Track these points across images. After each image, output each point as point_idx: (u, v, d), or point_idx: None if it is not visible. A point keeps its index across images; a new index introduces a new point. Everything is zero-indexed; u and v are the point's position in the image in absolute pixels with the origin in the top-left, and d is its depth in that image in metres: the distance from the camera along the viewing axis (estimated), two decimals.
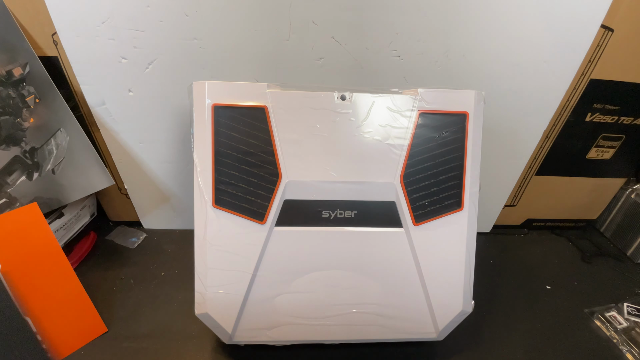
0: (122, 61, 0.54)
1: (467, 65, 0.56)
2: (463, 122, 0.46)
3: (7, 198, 0.53)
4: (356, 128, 0.45)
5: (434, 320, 0.48)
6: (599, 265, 0.72)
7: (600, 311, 0.61)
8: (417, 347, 0.53)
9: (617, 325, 0.58)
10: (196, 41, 0.53)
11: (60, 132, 0.56)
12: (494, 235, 0.78)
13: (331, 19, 0.52)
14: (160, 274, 0.64)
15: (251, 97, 0.44)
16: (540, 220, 0.79)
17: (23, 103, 0.54)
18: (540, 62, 0.56)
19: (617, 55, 0.57)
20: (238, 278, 0.45)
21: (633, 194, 0.74)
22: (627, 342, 0.56)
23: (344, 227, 0.46)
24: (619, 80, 0.60)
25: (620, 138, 0.68)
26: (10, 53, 0.52)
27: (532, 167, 0.70)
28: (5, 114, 0.53)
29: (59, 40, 0.53)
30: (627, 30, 0.55)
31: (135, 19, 0.51)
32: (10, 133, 0.53)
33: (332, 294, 0.47)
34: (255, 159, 0.44)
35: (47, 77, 0.54)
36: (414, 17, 0.52)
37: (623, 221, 0.76)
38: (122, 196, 0.71)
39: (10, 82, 0.53)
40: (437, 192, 0.46)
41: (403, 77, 0.58)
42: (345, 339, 0.49)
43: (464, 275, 0.47)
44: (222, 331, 0.46)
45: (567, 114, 0.64)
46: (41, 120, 0.55)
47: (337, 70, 0.57)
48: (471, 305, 0.49)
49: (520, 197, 0.75)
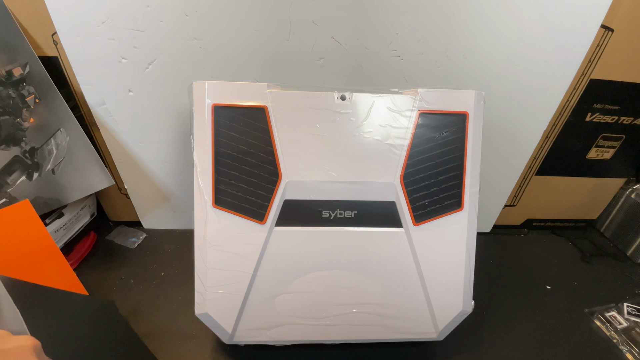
0: (122, 61, 0.54)
1: (467, 65, 0.56)
2: (463, 122, 0.46)
3: (7, 198, 0.53)
4: (356, 128, 0.45)
5: (434, 320, 0.48)
6: (599, 265, 0.72)
7: (600, 311, 0.61)
8: (417, 347, 0.53)
9: (617, 325, 0.58)
10: (196, 41, 0.53)
11: (60, 132, 0.56)
12: (494, 235, 0.78)
13: (331, 19, 0.52)
14: (160, 274, 0.64)
15: (251, 97, 0.44)
16: (540, 220, 0.79)
17: (23, 103, 0.54)
18: (540, 62, 0.56)
19: (617, 55, 0.57)
20: (238, 278, 0.45)
21: (633, 194, 0.74)
22: (627, 342, 0.56)
23: (344, 227, 0.46)
24: (619, 80, 0.60)
25: (620, 138, 0.68)
26: (10, 53, 0.52)
27: (532, 167, 0.70)
28: (5, 114, 0.53)
29: (59, 40, 0.53)
30: (627, 30, 0.55)
31: (135, 19, 0.51)
32: (10, 133, 0.53)
33: (332, 294, 0.47)
34: (255, 159, 0.44)
35: (47, 77, 0.54)
36: (414, 17, 0.52)
37: (623, 221, 0.76)
38: (122, 196, 0.71)
39: (10, 82, 0.53)
40: (437, 192, 0.46)
41: (403, 77, 0.58)
42: (345, 339, 0.49)
43: (464, 275, 0.47)
44: (222, 331, 0.46)
45: (567, 114, 0.64)
46: (41, 120, 0.55)
47: (337, 70, 0.57)
48: (471, 305, 0.49)
49: (520, 197, 0.75)
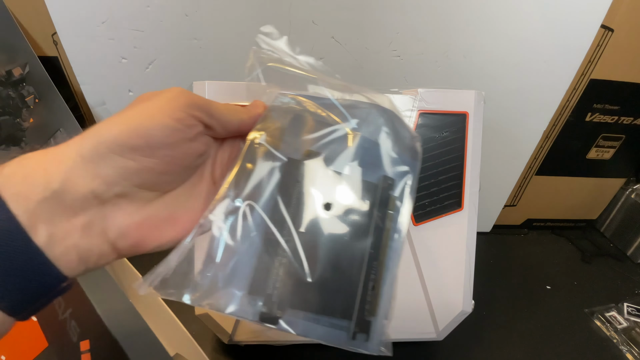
0: (122, 61, 0.54)
1: (467, 65, 0.56)
2: (463, 122, 0.46)
3: None
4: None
5: (434, 320, 0.48)
6: (599, 265, 0.72)
7: (600, 311, 0.61)
8: (417, 347, 0.53)
9: (617, 325, 0.58)
10: (196, 41, 0.53)
11: (60, 132, 0.56)
12: (494, 235, 0.78)
13: (331, 19, 0.52)
14: None
15: (251, 97, 0.44)
16: (540, 220, 0.79)
17: (23, 103, 0.54)
18: (540, 62, 0.56)
19: (617, 55, 0.57)
20: None
21: (633, 194, 0.74)
22: (627, 342, 0.56)
23: None
24: (619, 80, 0.60)
25: (620, 138, 0.68)
26: (10, 53, 0.52)
27: (532, 167, 0.70)
28: (5, 114, 0.53)
29: (59, 40, 0.53)
30: (627, 30, 0.55)
31: (135, 19, 0.51)
32: (10, 133, 0.53)
33: None
34: None
35: (46, 77, 0.54)
36: (414, 17, 0.52)
37: (623, 221, 0.76)
38: None
39: (10, 82, 0.53)
40: (437, 192, 0.46)
41: (403, 77, 0.57)
42: None
43: (464, 275, 0.47)
44: (222, 331, 0.46)
45: (567, 114, 0.64)
46: (41, 121, 0.55)
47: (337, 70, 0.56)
48: (471, 305, 0.48)
49: (520, 197, 0.75)
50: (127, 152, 0.21)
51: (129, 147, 0.21)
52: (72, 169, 0.20)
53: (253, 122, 0.28)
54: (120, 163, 0.21)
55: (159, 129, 0.22)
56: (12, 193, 0.18)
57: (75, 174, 0.20)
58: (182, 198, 0.26)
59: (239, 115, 0.27)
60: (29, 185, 0.19)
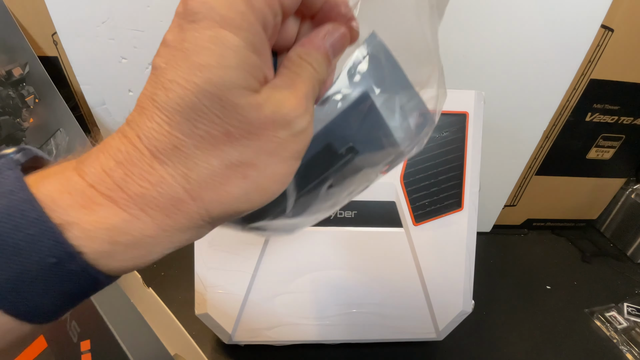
0: (122, 61, 0.54)
1: (467, 65, 0.56)
2: (463, 122, 0.46)
3: None
4: None
5: (434, 320, 0.48)
6: (599, 265, 0.72)
7: (600, 311, 0.61)
8: (417, 347, 0.53)
9: (617, 325, 0.58)
10: None
11: (59, 132, 0.56)
12: (494, 235, 0.78)
13: None
14: (160, 274, 0.64)
15: None
16: (540, 220, 0.79)
17: (23, 103, 0.54)
18: (541, 62, 0.56)
19: (617, 55, 0.57)
20: (238, 278, 0.45)
21: (633, 194, 0.74)
22: (627, 342, 0.56)
23: (344, 227, 0.46)
24: (619, 80, 0.60)
25: (620, 138, 0.68)
26: (10, 53, 0.52)
27: (532, 167, 0.70)
28: (5, 114, 0.53)
29: (59, 40, 0.53)
30: (627, 30, 0.55)
31: (135, 19, 0.51)
32: (10, 133, 0.53)
33: (332, 294, 0.47)
34: None
35: (46, 77, 0.54)
36: None
37: (623, 221, 0.76)
38: None
39: (10, 82, 0.53)
40: (437, 192, 0.46)
41: None
42: (345, 339, 0.49)
43: (464, 275, 0.47)
44: (222, 331, 0.46)
45: (567, 114, 0.64)
46: (41, 120, 0.55)
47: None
48: (471, 305, 0.48)
49: (520, 197, 0.75)
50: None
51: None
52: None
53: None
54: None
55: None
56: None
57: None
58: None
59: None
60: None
